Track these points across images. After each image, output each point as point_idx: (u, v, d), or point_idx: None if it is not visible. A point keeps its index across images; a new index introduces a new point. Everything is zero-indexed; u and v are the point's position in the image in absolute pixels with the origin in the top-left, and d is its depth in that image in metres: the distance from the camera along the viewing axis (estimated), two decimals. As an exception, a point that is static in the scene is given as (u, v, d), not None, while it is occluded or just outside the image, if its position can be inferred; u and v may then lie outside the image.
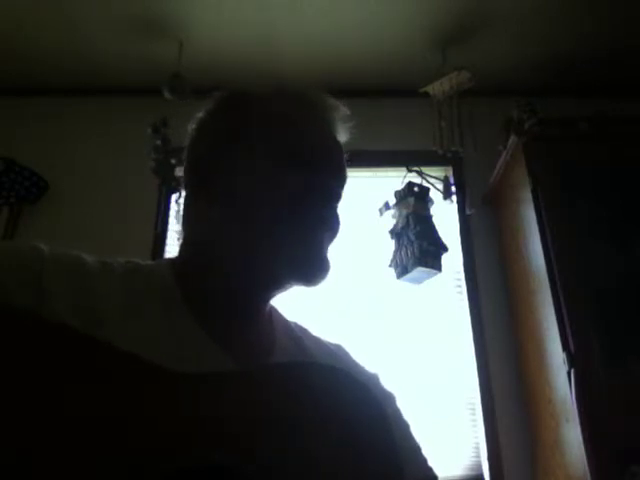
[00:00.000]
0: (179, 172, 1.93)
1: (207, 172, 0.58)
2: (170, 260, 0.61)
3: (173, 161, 1.87)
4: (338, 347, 0.67)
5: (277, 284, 0.57)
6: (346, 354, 0.66)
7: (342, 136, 0.63)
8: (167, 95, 1.93)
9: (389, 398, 0.64)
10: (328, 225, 0.57)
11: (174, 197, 1.95)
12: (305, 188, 0.55)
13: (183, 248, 0.61)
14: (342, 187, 0.61)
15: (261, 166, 0.56)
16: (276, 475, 0.42)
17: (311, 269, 0.55)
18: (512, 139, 1.81)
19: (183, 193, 0.62)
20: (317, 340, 0.65)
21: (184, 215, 0.62)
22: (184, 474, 0.39)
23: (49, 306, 0.46)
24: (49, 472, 0.36)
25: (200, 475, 0.40)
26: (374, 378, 0.65)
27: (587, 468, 1.31)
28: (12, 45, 2.06)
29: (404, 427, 0.63)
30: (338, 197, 0.58)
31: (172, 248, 2.03)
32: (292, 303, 0.64)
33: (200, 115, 0.64)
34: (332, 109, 0.62)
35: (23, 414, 0.37)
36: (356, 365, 0.65)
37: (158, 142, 1.87)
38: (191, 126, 0.63)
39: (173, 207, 2.10)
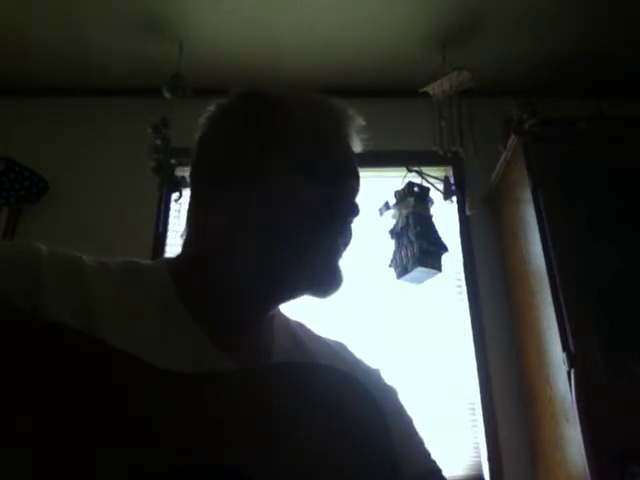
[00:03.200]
0: (179, 172, 1.93)
1: (223, 172, 0.57)
2: (169, 260, 0.60)
3: (173, 161, 1.87)
4: (340, 345, 0.67)
5: (290, 292, 0.57)
6: (349, 352, 0.66)
7: (357, 147, 0.64)
8: (167, 95, 1.93)
9: (390, 393, 0.64)
10: (345, 239, 0.58)
11: (174, 197, 1.95)
12: (330, 201, 0.55)
13: (185, 248, 0.60)
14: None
15: (287, 173, 0.55)
16: (275, 475, 0.42)
17: (327, 280, 0.55)
18: (512, 139, 1.81)
19: (188, 191, 0.61)
20: (319, 339, 0.65)
21: (189, 214, 0.61)
22: (184, 474, 0.39)
23: (47, 307, 0.45)
24: (50, 471, 0.36)
25: (200, 475, 0.40)
26: (376, 374, 0.65)
27: (587, 468, 1.31)
28: (12, 45, 2.06)
29: (406, 421, 0.63)
30: (358, 212, 0.58)
31: (172, 248, 2.03)
32: (291, 303, 0.64)
33: (213, 110, 0.61)
34: (352, 121, 0.62)
35: (22, 414, 0.37)
36: (358, 362, 0.65)
37: (158, 142, 1.87)
38: (202, 121, 0.61)
39: (173, 207, 2.10)
